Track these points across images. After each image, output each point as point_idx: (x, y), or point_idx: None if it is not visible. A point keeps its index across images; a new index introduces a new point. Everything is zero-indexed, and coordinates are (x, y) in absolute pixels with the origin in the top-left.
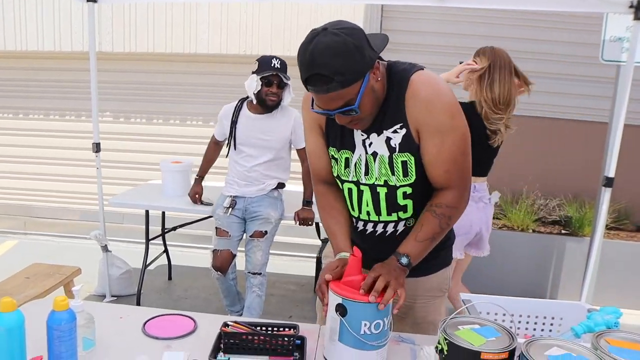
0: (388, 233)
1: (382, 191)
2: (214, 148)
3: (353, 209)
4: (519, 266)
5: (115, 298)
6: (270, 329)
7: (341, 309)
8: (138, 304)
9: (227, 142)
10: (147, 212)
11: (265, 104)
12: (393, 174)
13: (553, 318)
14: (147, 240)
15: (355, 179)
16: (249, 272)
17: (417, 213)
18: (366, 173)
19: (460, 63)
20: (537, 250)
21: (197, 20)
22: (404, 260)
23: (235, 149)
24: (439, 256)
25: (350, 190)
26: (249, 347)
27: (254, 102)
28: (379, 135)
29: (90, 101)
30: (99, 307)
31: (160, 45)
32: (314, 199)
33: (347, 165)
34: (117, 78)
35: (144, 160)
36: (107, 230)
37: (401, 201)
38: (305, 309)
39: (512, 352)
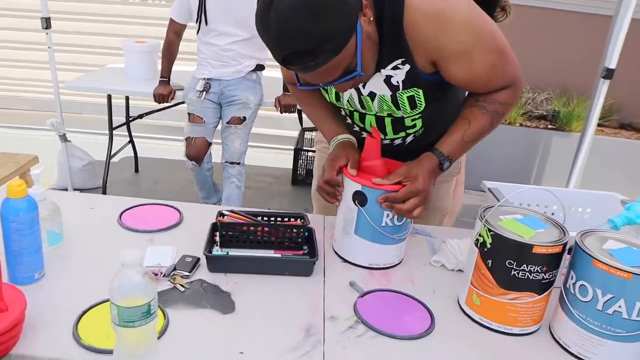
0: (395, 144)
1: (388, 119)
2: (174, 39)
3: (354, 124)
4: (505, 159)
5: (79, 192)
6: (273, 219)
7: (360, 198)
8: (104, 193)
9: (196, 20)
10: (109, 98)
11: None
12: (398, 109)
13: (580, 210)
14: (111, 129)
15: (351, 109)
16: (226, 162)
17: (427, 125)
18: (363, 108)
19: None
20: (524, 143)
21: None
22: (446, 164)
23: (206, 25)
24: None
25: (350, 113)
26: (250, 240)
27: None
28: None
29: None
30: (64, 196)
31: None
32: None
33: (337, 98)
34: None
35: (101, 43)
36: (65, 121)
37: (409, 123)
38: (282, 201)
39: (564, 245)
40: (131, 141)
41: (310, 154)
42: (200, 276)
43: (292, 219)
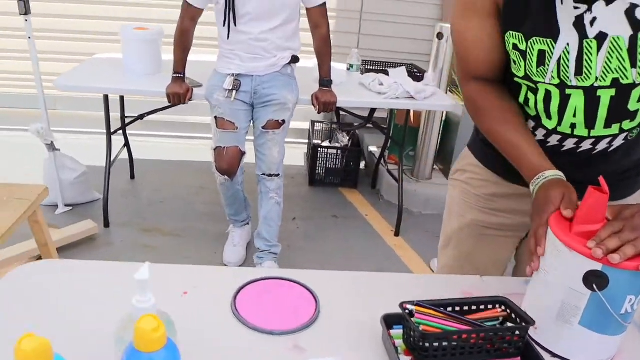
0: (597, 151)
1: (607, 95)
2: (190, 26)
3: (548, 117)
4: None
5: (71, 208)
6: (467, 307)
7: (598, 280)
8: (106, 216)
9: (216, 3)
10: (106, 98)
11: None
12: (634, 65)
13: None
14: (109, 133)
15: (556, 82)
16: (263, 174)
17: None
18: (578, 72)
19: None
20: None
21: None
22: None
23: (233, 12)
24: None
25: (548, 94)
26: (460, 351)
27: None
28: (610, 3)
29: None
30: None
31: None
32: (334, 77)
33: (541, 62)
34: None
35: (93, 28)
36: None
37: (633, 106)
38: (305, 206)
39: None
40: (127, 144)
41: (330, 151)
42: None
43: (489, 306)
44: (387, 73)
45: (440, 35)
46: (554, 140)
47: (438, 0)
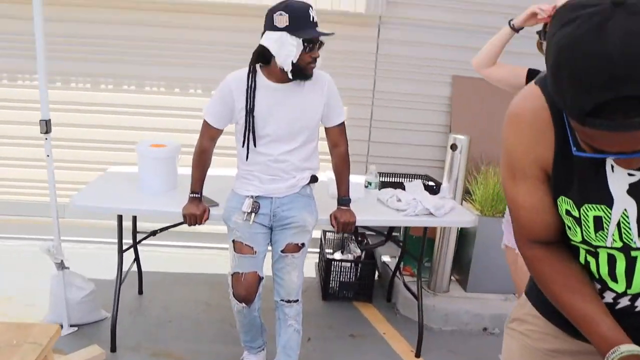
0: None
1: None
2: (209, 146)
3: (614, 281)
4: None
5: (77, 328)
6: None
7: None
8: (113, 339)
9: (244, 123)
10: (120, 218)
11: (305, 73)
12: None
13: None
14: (121, 250)
15: (619, 245)
16: (282, 300)
17: None
18: None
19: None
20: None
21: None
22: None
23: (253, 133)
24: None
25: (611, 258)
26: None
27: (288, 72)
28: None
29: (35, 60)
30: None
31: None
32: (351, 194)
33: (599, 227)
34: (72, 30)
35: (109, 137)
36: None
37: None
38: (320, 325)
39: None
40: (137, 259)
41: (344, 264)
42: None
43: None
44: (402, 186)
45: (454, 147)
46: (624, 301)
47: (446, 107)
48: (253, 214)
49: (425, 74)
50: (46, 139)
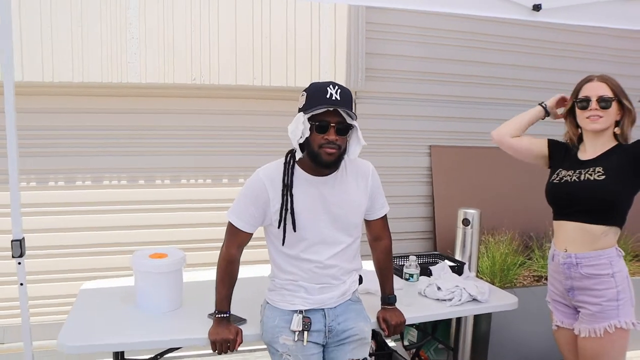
0: None
1: None
2: (236, 255)
3: None
4: None
5: None
6: None
7: None
8: None
9: (278, 225)
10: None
11: (319, 160)
12: None
13: None
14: None
15: None
16: None
17: None
18: None
19: None
20: None
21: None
22: None
23: (295, 231)
24: None
25: None
26: None
27: (304, 157)
28: None
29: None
30: None
31: (94, 74)
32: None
33: None
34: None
35: (93, 240)
36: None
37: None
38: None
39: None
40: None
41: None
42: None
43: None
44: (427, 271)
45: (466, 222)
46: None
47: (426, 177)
48: (306, 333)
49: (403, 146)
50: (19, 263)
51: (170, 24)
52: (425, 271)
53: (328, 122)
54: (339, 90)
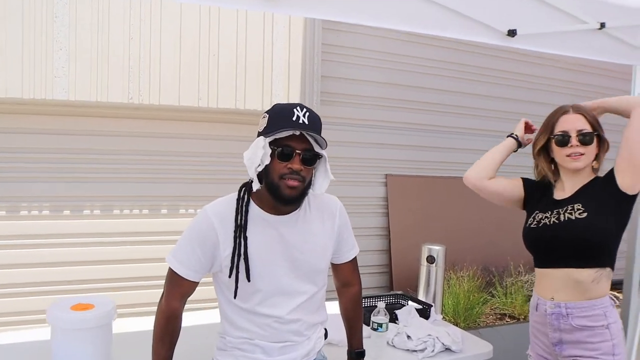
0: None
1: None
2: (179, 307)
3: None
4: None
5: None
6: None
7: None
8: None
9: (229, 274)
10: None
11: (279, 194)
12: None
13: None
14: None
15: None
16: None
17: None
18: None
19: None
20: None
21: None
22: None
23: (249, 281)
24: None
25: None
26: None
27: (261, 191)
28: None
29: None
30: None
31: (14, 89)
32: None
33: None
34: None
35: (4, 280)
36: None
37: None
38: None
39: None
40: None
41: None
42: None
43: None
44: (391, 315)
45: (430, 259)
46: None
47: (382, 208)
48: None
49: (358, 175)
50: None
51: (105, 35)
52: (391, 316)
53: (293, 149)
54: (307, 114)
